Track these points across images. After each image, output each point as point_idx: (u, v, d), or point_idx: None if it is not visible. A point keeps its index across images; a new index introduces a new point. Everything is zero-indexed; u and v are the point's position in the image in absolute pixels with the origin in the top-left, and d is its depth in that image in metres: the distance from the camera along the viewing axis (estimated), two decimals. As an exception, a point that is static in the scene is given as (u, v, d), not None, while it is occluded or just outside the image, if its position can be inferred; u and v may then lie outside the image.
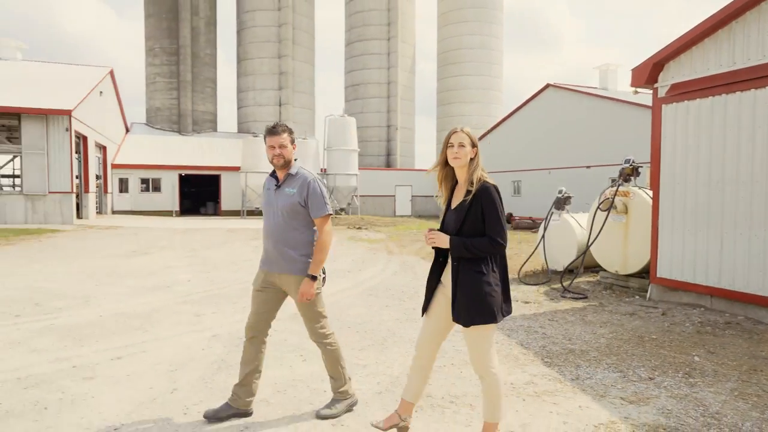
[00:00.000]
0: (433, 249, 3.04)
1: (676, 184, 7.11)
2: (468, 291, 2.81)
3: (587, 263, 9.28)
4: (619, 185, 8.32)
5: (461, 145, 2.92)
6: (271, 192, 3.57)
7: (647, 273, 7.85)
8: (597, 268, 9.31)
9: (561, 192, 9.88)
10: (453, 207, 2.98)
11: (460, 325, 2.89)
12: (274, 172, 3.62)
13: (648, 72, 7.40)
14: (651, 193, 7.75)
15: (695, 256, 6.87)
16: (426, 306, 3.10)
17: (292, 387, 4.06)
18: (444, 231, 2.95)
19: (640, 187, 8.37)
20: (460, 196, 2.96)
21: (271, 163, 3.52)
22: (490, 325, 2.85)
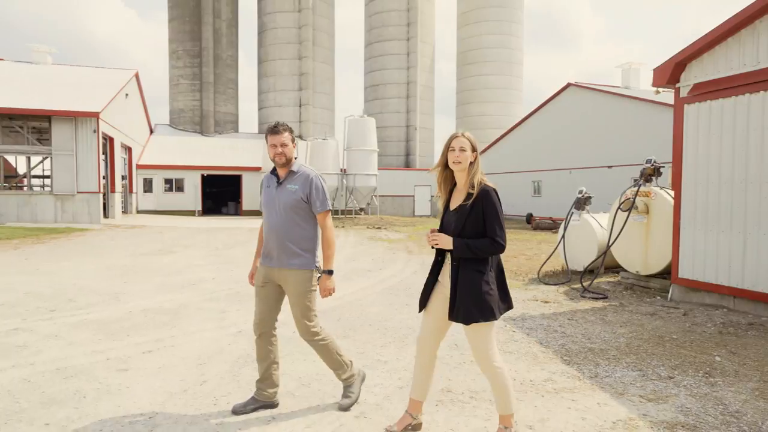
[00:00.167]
0: (433, 249, 3.14)
1: (698, 184, 7.08)
2: (468, 290, 2.92)
3: (608, 263, 9.26)
4: (640, 185, 8.29)
5: (462, 150, 3.00)
6: (272, 189, 3.65)
7: (669, 273, 7.82)
8: (618, 268, 9.28)
9: (581, 192, 9.87)
10: (452, 209, 3.08)
11: (460, 324, 2.98)
12: (273, 170, 3.70)
13: (670, 72, 7.37)
14: (672, 194, 7.71)
15: (717, 256, 6.83)
16: (422, 303, 3.21)
17: (316, 380, 4.19)
18: (443, 232, 3.06)
19: (661, 188, 8.33)
20: (459, 198, 3.06)
21: (273, 161, 3.61)
22: (489, 323, 2.97)
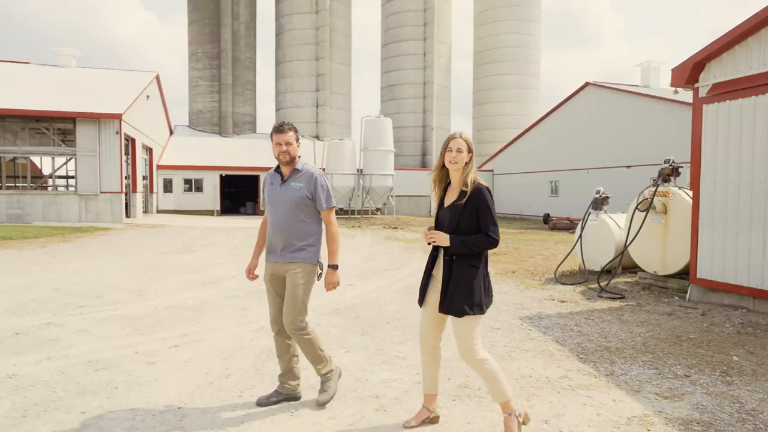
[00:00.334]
0: (430, 246, 3.27)
1: (716, 184, 7.05)
2: (462, 284, 3.07)
3: (625, 264, 9.24)
4: (658, 185, 8.27)
5: (459, 151, 3.16)
6: (276, 187, 3.75)
7: (687, 274, 7.79)
8: (635, 268, 9.26)
9: (598, 192, 9.86)
10: (446, 206, 3.22)
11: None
12: (277, 167, 3.80)
13: (688, 72, 7.35)
14: (691, 194, 7.69)
15: (737, 257, 6.81)
16: (422, 298, 3.33)
17: (336, 375, 4.31)
18: (438, 229, 3.21)
19: (680, 188, 8.30)
20: (453, 196, 3.21)
21: (277, 159, 3.71)
22: (477, 316, 3.10)
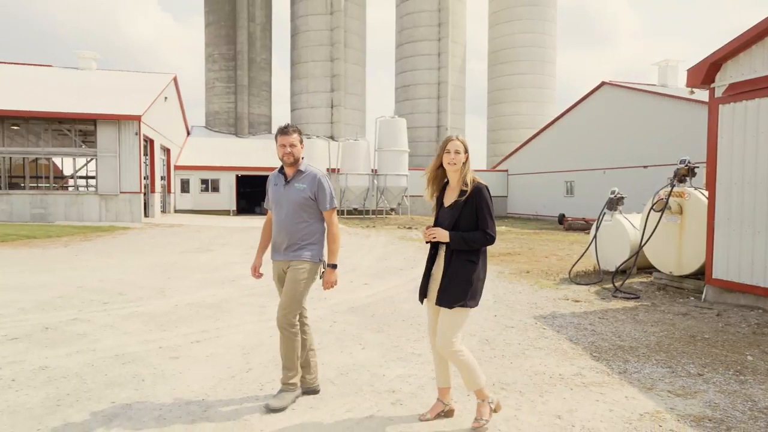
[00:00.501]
0: (428, 243, 3.40)
1: (732, 184, 7.04)
2: (459, 277, 3.21)
3: (641, 264, 9.23)
4: (674, 186, 8.26)
5: (457, 152, 3.29)
6: (280, 187, 3.85)
7: (703, 274, 7.77)
8: (651, 269, 9.24)
9: (613, 192, 9.85)
10: (446, 205, 3.36)
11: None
12: (281, 168, 3.90)
13: (704, 72, 7.34)
14: (706, 194, 7.67)
15: (753, 257, 6.79)
16: (422, 294, 3.49)
17: (353, 371, 4.43)
18: (438, 226, 3.33)
19: (696, 188, 8.28)
20: (453, 195, 3.35)
21: (281, 161, 3.81)
22: (466, 311, 3.26)
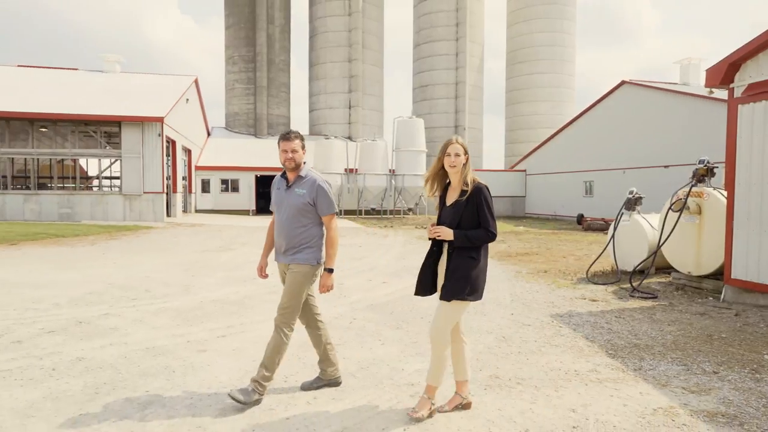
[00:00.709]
0: (431, 241, 3.58)
1: (752, 184, 7.02)
2: (459, 272, 3.38)
3: (659, 264, 9.23)
4: (692, 186, 8.25)
5: (457, 155, 3.47)
6: (281, 191, 3.96)
7: (722, 274, 7.76)
8: (669, 269, 9.23)
9: (632, 192, 9.85)
10: (449, 204, 3.53)
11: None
12: (284, 173, 4.00)
13: (723, 72, 7.34)
14: (726, 194, 7.66)
15: (772, 257, 6.77)
16: (418, 287, 3.66)
17: (373, 365, 4.59)
18: (441, 225, 3.49)
19: (714, 188, 8.26)
20: (454, 195, 3.53)
21: (283, 165, 3.91)
22: (464, 305, 3.45)
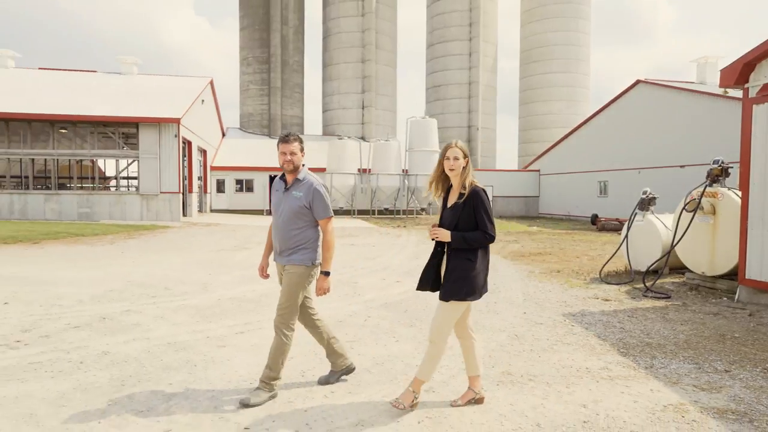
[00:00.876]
0: (433, 241, 3.66)
1: (766, 184, 7.01)
2: (455, 273, 3.47)
3: (673, 264, 9.22)
4: (707, 186, 8.25)
5: (456, 159, 3.56)
6: (280, 193, 4.04)
7: (736, 275, 7.75)
8: (683, 269, 9.21)
9: (645, 192, 9.85)
10: (449, 206, 3.62)
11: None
12: (283, 175, 4.08)
13: (738, 72, 7.33)
14: (740, 194, 7.65)
15: (787, 257, 6.75)
16: (420, 283, 3.68)
17: (388, 361, 4.70)
18: (441, 226, 3.60)
19: (729, 188, 8.24)
20: (454, 197, 3.63)
21: (282, 168, 3.98)
22: (461, 304, 3.52)
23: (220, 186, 32.78)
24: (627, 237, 9.76)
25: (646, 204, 9.78)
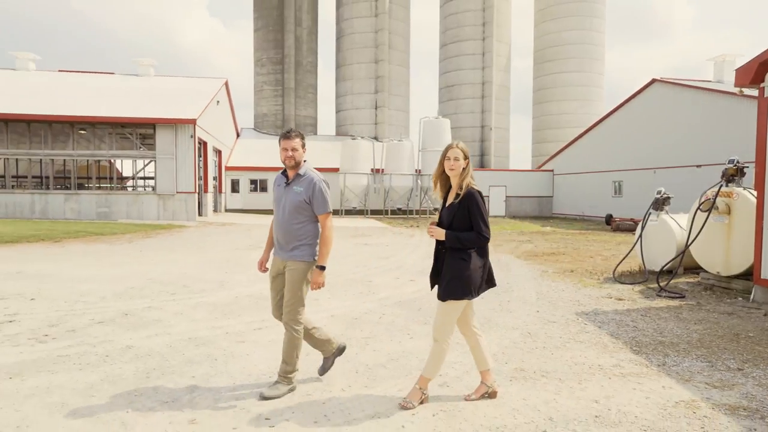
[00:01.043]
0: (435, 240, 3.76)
1: (782, 184, 6.99)
2: (450, 273, 3.57)
3: (688, 264, 9.20)
4: (722, 186, 8.22)
5: (456, 159, 3.64)
6: (281, 188, 4.10)
7: (751, 275, 7.72)
8: (698, 269, 9.19)
9: (659, 192, 9.83)
10: (447, 206, 3.72)
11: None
12: (284, 170, 4.13)
13: (753, 71, 7.31)
14: (756, 194, 7.62)
15: (803, 257, 6.73)
16: (430, 284, 3.82)
17: (403, 357, 4.80)
18: (440, 225, 3.71)
19: (745, 188, 8.21)
20: (451, 198, 3.73)
21: (283, 163, 4.04)
22: (462, 301, 3.59)
23: (234, 186, 33.15)
24: (641, 237, 9.75)
25: (660, 204, 9.76)
